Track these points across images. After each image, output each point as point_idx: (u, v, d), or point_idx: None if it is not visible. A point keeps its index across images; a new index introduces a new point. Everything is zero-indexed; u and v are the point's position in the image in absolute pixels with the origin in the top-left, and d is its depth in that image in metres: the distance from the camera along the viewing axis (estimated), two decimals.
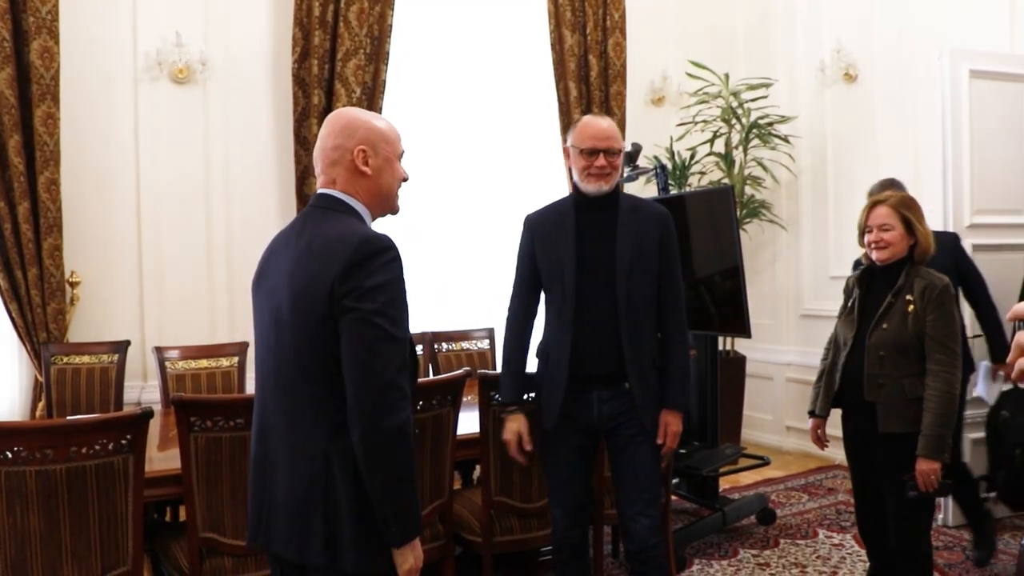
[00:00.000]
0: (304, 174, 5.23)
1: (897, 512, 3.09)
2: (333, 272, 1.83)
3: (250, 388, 4.54)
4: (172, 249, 5.08)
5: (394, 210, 2.15)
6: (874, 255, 3.14)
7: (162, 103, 5.04)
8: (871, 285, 3.22)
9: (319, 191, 2.06)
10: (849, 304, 3.27)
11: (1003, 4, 4.92)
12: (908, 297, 3.05)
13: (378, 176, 2.04)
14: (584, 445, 3.04)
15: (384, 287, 1.84)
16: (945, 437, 2.93)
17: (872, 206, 3.17)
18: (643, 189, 6.12)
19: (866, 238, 3.17)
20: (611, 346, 2.91)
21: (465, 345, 5.08)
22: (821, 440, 3.40)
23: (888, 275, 3.15)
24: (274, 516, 1.97)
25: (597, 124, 2.95)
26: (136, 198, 5.00)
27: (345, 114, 2.08)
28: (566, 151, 3.06)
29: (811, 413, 3.42)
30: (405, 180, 2.14)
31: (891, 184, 4.07)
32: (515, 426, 3.03)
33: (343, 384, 1.84)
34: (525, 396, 3.12)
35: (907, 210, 3.11)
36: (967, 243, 4.55)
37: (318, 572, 1.91)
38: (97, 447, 2.52)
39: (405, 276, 1.93)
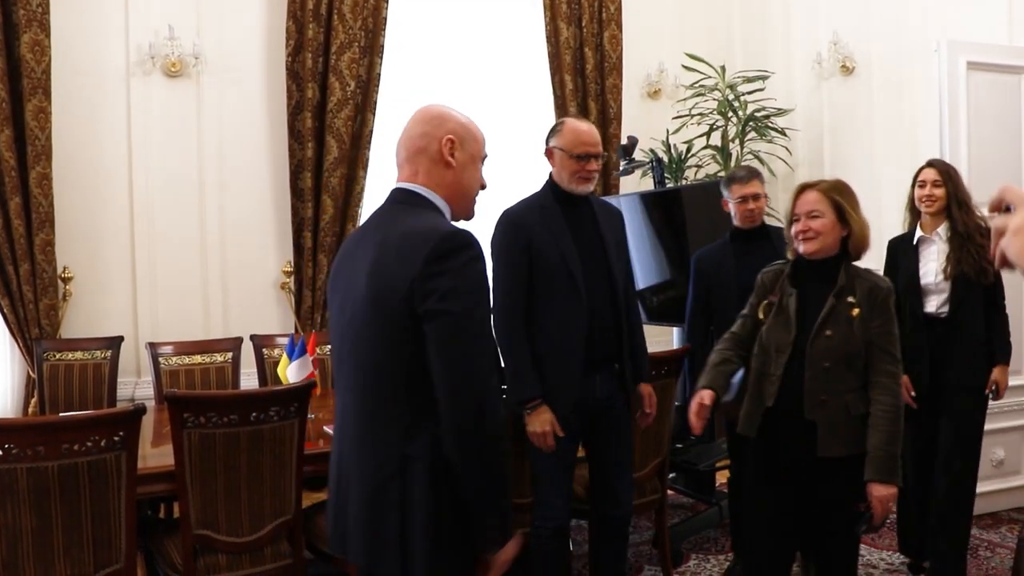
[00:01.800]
0: (298, 168, 5.21)
1: (831, 550, 2.71)
2: (412, 270, 1.76)
3: (244, 384, 4.56)
4: (165, 244, 5.05)
5: (469, 214, 2.06)
6: (801, 247, 2.73)
7: (155, 97, 5.01)
8: (802, 284, 2.78)
9: (398, 185, 1.98)
10: (776, 304, 2.79)
11: None
12: (850, 299, 2.68)
13: (462, 171, 1.97)
14: (578, 431, 3.14)
15: (470, 286, 1.78)
16: (897, 457, 2.60)
17: (800, 191, 2.78)
18: (639, 182, 6.10)
19: (793, 228, 2.76)
20: (612, 329, 3.13)
21: None
22: (702, 417, 2.74)
23: (822, 273, 2.75)
24: (349, 522, 1.91)
25: (587, 131, 3.11)
26: (129, 193, 4.97)
27: (434, 107, 2.03)
28: (549, 152, 3.14)
29: (704, 387, 2.81)
30: (483, 188, 2.07)
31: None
32: (547, 416, 3.03)
33: (420, 385, 1.78)
34: None
35: (840, 195, 2.73)
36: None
37: None
38: (89, 444, 2.51)
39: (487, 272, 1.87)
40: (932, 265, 3.66)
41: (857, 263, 2.78)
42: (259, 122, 5.31)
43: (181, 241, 5.09)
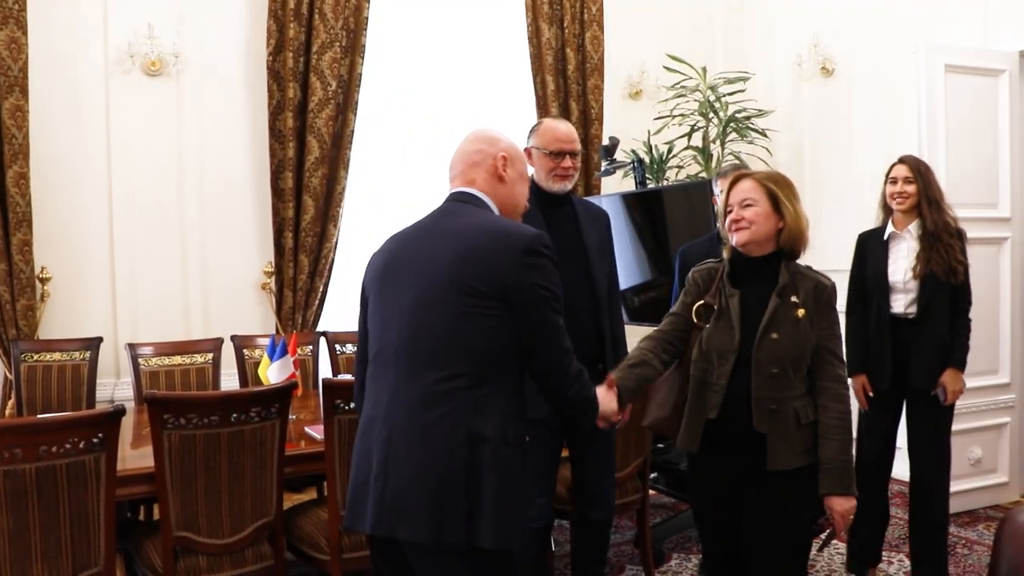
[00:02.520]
0: (279, 168, 5.19)
1: (781, 564, 2.51)
2: (509, 261, 1.98)
3: (225, 385, 4.53)
4: (145, 244, 5.02)
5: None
6: (733, 238, 2.56)
7: (134, 96, 4.97)
8: (741, 284, 2.59)
9: (456, 189, 2.19)
10: (717, 307, 2.59)
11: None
12: (794, 299, 2.49)
13: (513, 187, 2.21)
14: (560, 432, 3.16)
15: (556, 279, 2.05)
16: (852, 467, 2.47)
17: (734, 181, 2.61)
18: (621, 183, 6.11)
19: (727, 220, 2.59)
20: (593, 331, 3.15)
21: None
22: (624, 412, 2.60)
23: (760, 270, 2.56)
24: (404, 500, 1.94)
25: (563, 128, 3.16)
26: (108, 192, 4.94)
27: (486, 129, 2.27)
28: (528, 152, 3.16)
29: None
30: (526, 208, 2.33)
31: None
32: None
33: (494, 364, 1.99)
34: None
35: (775, 185, 2.55)
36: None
37: (450, 554, 1.94)
38: (68, 446, 2.49)
39: None
40: (902, 263, 3.63)
41: (798, 261, 2.61)
42: (240, 122, 5.28)
43: (161, 241, 5.06)
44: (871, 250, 3.75)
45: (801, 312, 2.48)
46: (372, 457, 2.02)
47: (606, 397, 2.43)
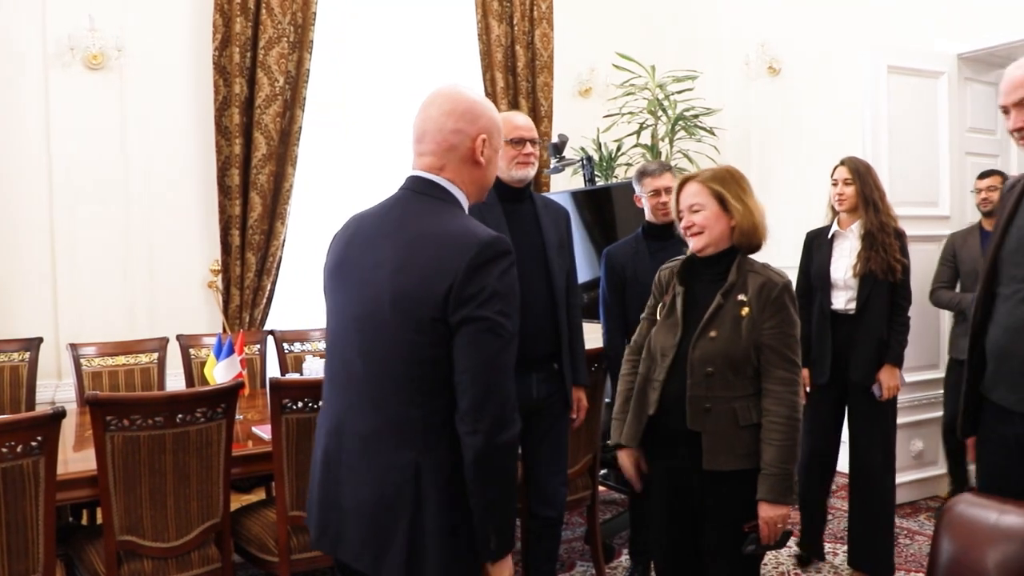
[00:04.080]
0: (225, 165, 5.11)
1: (722, 569, 2.48)
2: (452, 273, 1.71)
3: (170, 385, 4.46)
4: (87, 241, 4.91)
5: (483, 199, 2.05)
6: (690, 244, 2.56)
7: (75, 90, 4.86)
8: (693, 282, 2.59)
9: (419, 174, 1.92)
10: (667, 304, 2.62)
11: (921, 1, 5.05)
12: (741, 297, 2.46)
13: (488, 167, 1.95)
14: None
15: (505, 294, 1.75)
16: (792, 474, 2.38)
17: (682, 185, 2.58)
18: (570, 180, 6.13)
19: (680, 225, 2.59)
20: (549, 328, 3.15)
21: None
22: (638, 478, 2.69)
23: (713, 269, 2.54)
24: (345, 523, 1.85)
25: (520, 117, 3.17)
26: (48, 189, 4.82)
27: (465, 96, 1.93)
28: None
29: (618, 445, 2.69)
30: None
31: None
32: None
33: (439, 391, 1.75)
34: None
35: (721, 184, 2.51)
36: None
37: None
38: (5, 449, 2.43)
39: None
40: (844, 261, 3.76)
41: (755, 256, 2.58)
42: (185, 117, 5.19)
43: (104, 239, 4.96)
44: (817, 248, 3.88)
45: (745, 311, 2.44)
46: (324, 472, 1.93)
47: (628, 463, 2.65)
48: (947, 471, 4.83)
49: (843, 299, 3.74)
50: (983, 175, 4.50)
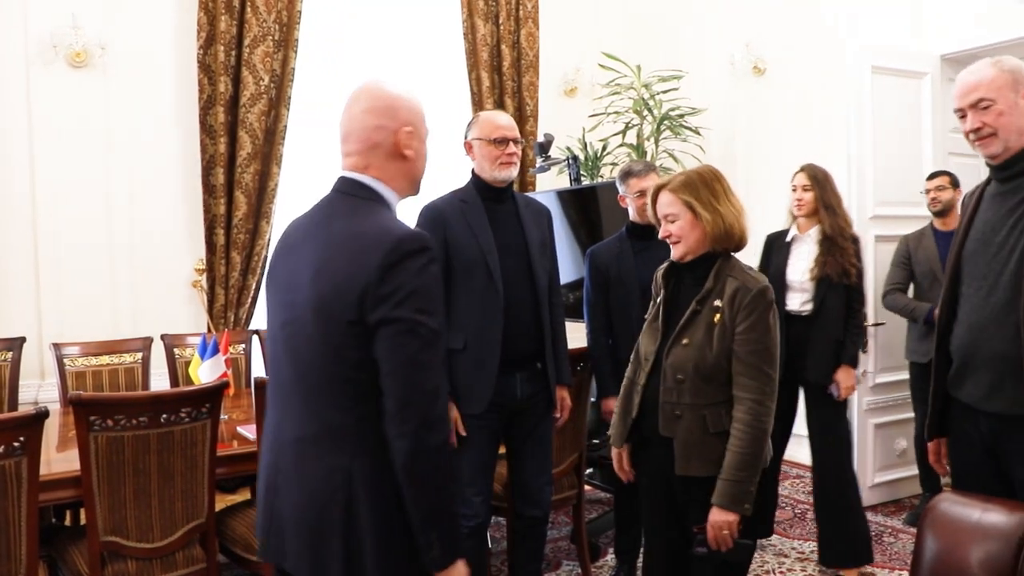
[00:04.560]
0: (210, 164, 5.09)
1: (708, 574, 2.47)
2: (366, 273, 1.66)
3: (155, 385, 4.44)
4: (71, 241, 4.88)
5: (417, 192, 1.98)
6: (671, 253, 2.56)
7: (58, 88, 4.82)
8: (676, 286, 2.59)
9: (345, 175, 1.87)
10: (654, 307, 2.63)
11: (905, 2, 5.08)
12: (716, 303, 2.42)
13: (416, 159, 1.90)
14: (498, 430, 3.17)
15: (424, 291, 1.69)
16: (747, 483, 2.34)
17: (656, 193, 2.57)
18: (555, 180, 6.13)
19: (660, 233, 2.58)
20: (533, 327, 3.15)
21: None
22: (628, 471, 2.70)
23: (695, 273, 2.52)
24: (286, 531, 1.80)
25: (502, 117, 3.17)
26: (31, 187, 4.79)
27: (385, 91, 1.88)
28: (468, 145, 3.19)
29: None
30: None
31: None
32: (452, 414, 3.04)
33: (368, 394, 1.70)
34: None
35: (689, 193, 2.48)
36: (870, 234, 4.69)
37: None
38: None
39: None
40: (801, 264, 3.87)
41: (740, 254, 2.56)
42: (169, 116, 5.17)
43: (88, 238, 4.92)
44: (776, 250, 4.05)
45: (717, 317, 2.41)
46: (266, 481, 1.89)
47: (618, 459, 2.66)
48: (919, 476, 4.74)
49: (798, 301, 3.86)
50: (932, 176, 4.54)
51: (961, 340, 2.43)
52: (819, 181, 3.89)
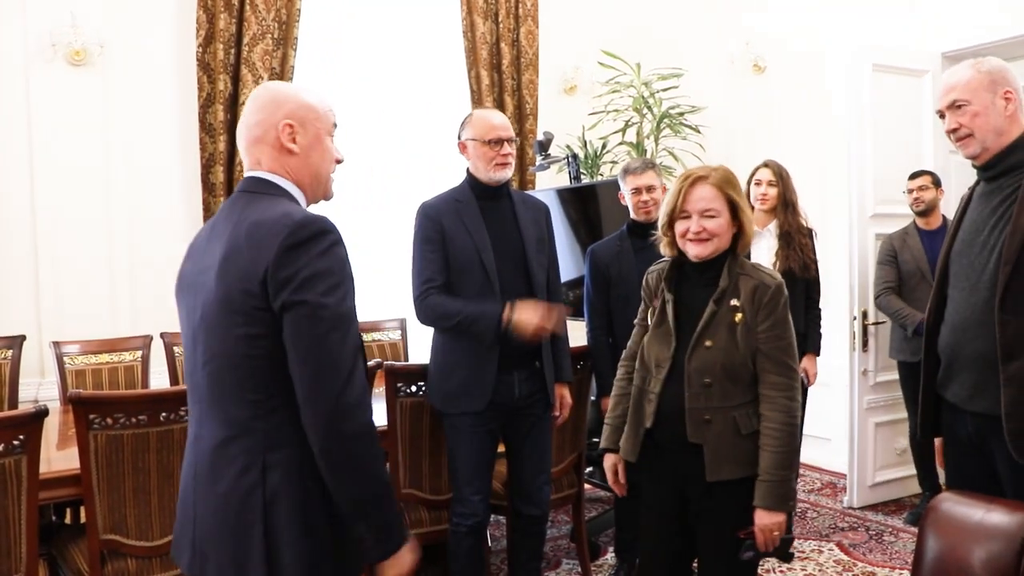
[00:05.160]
0: (209, 162, 5.08)
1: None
2: (266, 260, 1.62)
3: (154, 383, 4.43)
4: (70, 239, 4.86)
5: (328, 195, 1.94)
6: (692, 250, 2.40)
7: (57, 87, 4.80)
8: (682, 288, 2.49)
9: (248, 174, 1.84)
10: (657, 311, 2.51)
11: (905, 1, 5.08)
12: (734, 303, 2.36)
13: (307, 155, 1.83)
14: (496, 429, 3.17)
15: (326, 273, 1.64)
16: (789, 481, 2.33)
17: (691, 184, 2.40)
18: (555, 178, 6.12)
19: (678, 227, 2.42)
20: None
21: (376, 336, 5.01)
22: (622, 484, 2.65)
23: (704, 273, 2.44)
24: (207, 542, 1.74)
25: (497, 117, 3.16)
26: (30, 186, 4.77)
27: (270, 87, 1.87)
28: (462, 145, 3.17)
29: (605, 449, 2.66)
30: (339, 162, 1.95)
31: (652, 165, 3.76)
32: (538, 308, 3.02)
33: (280, 386, 1.66)
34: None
35: (733, 190, 2.41)
36: (870, 233, 4.69)
37: None
38: None
39: (348, 261, 1.73)
40: (762, 259, 3.93)
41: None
42: (168, 114, 5.15)
43: (87, 236, 4.91)
44: None
45: (739, 317, 2.35)
46: (185, 490, 1.84)
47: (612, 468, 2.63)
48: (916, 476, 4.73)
49: None
50: (913, 175, 4.54)
51: (946, 341, 2.46)
52: (783, 178, 4.02)
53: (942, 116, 2.45)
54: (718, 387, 2.34)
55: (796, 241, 3.91)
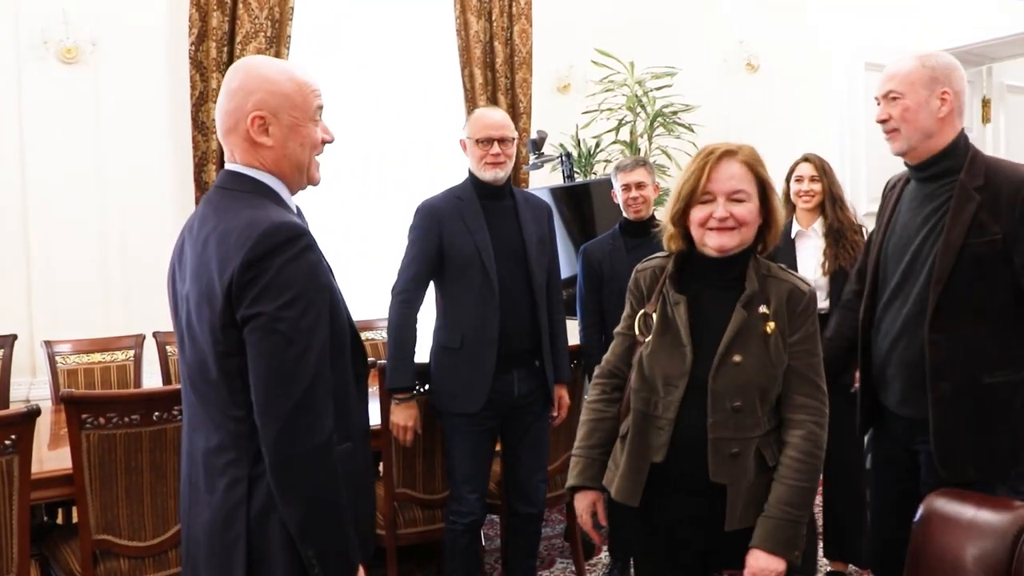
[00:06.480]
0: (202, 161, 5.07)
1: None
2: (231, 271, 1.54)
3: (147, 382, 4.42)
4: (62, 238, 4.84)
5: (314, 181, 1.80)
6: (713, 240, 1.96)
7: (49, 84, 4.78)
8: (690, 288, 2.03)
9: (226, 167, 1.74)
10: (657, 317, 2.03)
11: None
12: (763, 309, 1.95)
13: (283, 146, 1.69)
14: (494, 428, 3.17)
15: (286, 285, 1.54)
16: (801, 524, 1.90)
17: (717, 159, 1.95)
18: (549, 177, 6.12)
19: (697, 213, 1.96)
20: (529, 325, 3.14)
21: (370, 335, 5.00)
22: (596, 531, 2.28)
23: (723, 272, 2.00)
24: (197, 552, 1.72)
25: (491, 115, 3.15)
26: (22, 184, 4.75)
27: (242, 68, 1.71)
28: (463, 143, 3.18)
29: (572, 488, 2.21)
30: (327, 142, 1.78)
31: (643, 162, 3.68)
32: (413, 412, 3.10)
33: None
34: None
35: (765, 170, 2.00)
36: (865, 230, 4.69)
37: None
38: None
39: (321, 268, 1.65)
40: (811, 261, 3.67)
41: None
42: (161, 112, 5.13)
43: (79, 234, 4.89)
44: (779, 248, 3.83)
45: (771, 326, 1.94)
46: (183, 500, 1.81)
47: (585, 511, 2.19)
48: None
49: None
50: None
51: (878, 347, 2.47)
52: (827, 172, 3.70)
53: (879, 104, 2.43)
54: (748, 412, 1.92)
55: (847, 239, 3.57)
